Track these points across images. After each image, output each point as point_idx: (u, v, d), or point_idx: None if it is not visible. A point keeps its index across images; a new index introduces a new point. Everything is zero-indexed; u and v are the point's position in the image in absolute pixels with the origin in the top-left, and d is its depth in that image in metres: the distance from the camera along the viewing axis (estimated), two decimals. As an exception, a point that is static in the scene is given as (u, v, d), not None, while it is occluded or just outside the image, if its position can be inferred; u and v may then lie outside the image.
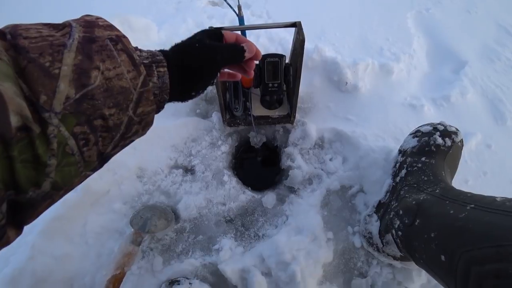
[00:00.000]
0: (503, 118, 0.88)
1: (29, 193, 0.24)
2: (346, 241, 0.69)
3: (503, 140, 0.84)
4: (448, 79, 0.96)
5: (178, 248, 0.70)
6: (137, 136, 0.33)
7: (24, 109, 0.22)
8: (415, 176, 0.61)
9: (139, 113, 0.31)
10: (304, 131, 0.78)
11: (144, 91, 0.31)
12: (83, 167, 0.28)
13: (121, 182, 0.75)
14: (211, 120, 0.83)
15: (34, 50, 0.24)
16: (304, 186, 0.75)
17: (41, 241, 0.65)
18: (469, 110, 0.88)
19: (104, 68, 0.27)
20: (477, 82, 0.95)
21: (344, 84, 0.86)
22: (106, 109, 0.27)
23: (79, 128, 0.25)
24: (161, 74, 0.34)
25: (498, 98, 0.92)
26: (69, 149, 0.25)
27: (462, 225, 0.43)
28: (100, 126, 0.27)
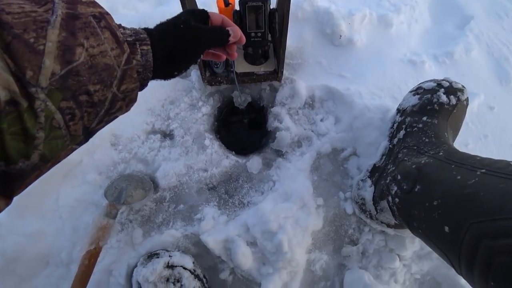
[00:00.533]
0: (508, 79, 0.83)
1: (19, 164, 0.25)
2: (337, 207, 0.65)
3: (507, 102, 0.80)
4: (452, 35, 0.89)
5: (158, 219, 0.66)
6: (121, 112, 0.34)
7: (11, 84, 0.23)
8: (415, 138, 0.55)
9: (123, 90, 0.31)
10: (292, 89, 0.71)
11: (128, 68, 0.31)
12: (69, 141, 0.28)
13: (94, 151, 0.69)
14: (190, 79, 0.75)
15: (18, 26, 0.24)
16: (293, 149, 0.70)
17: (9, 220, 0.62)
18: (472, 68, 0.82)
19: (88, 45, 0.27)
20: (483, 39, 0.88)
21: (338, 38, 0.77)
22: (91, 85, 0.28)
23: (65, 103, 0.26)
24: (145, 52, 0.34)
25: (504, 57, 0.86)
26: (56, 123, 0.26)
27: (471, 193, 0.37)
28: (86, 101, 0.28)
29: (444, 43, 0.86)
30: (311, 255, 0.62)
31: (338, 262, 0.63)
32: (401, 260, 0.61)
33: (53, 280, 0.61)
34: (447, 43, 0.86)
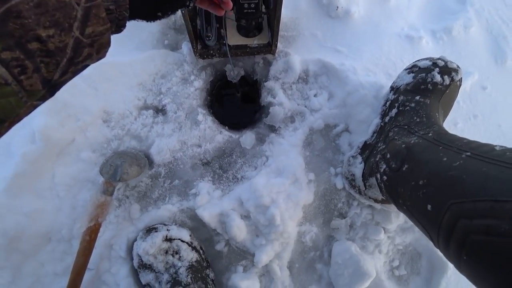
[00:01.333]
0: (504, 58, 0.83)
1: None
2: (328, 182, 0.67)
3: (500, 81, 0.80)
4: (453, 9, 0.86)
5: (154, 194, 0.68)
6: (91, 60, 0.29)
7: None
8: (407, 117, 0.56)
9: (88, 34, 0.27)
10: (286, 63, 0.70)
11: (92, 6, 0.26)
12: (26, 97, 0.24)
13: (86, 129, 0.68)
14: (181, 52, 0.72)
15: None
16: (286, 125, 0.70)
17: (6, 200, 0.62)
18: (470, 46, 0.82)
19: None
20: (483, 15, 0.86)
21: (335, 9, 0.75)
22: (41, 30, 0.23)
23: (8, 53, 0.22)
24: None
25: (503, 35, 0.85)
26: (1, 79, 0.22)
27: (455, 175, 0.39)
28: (38, 50, 0.23)
29: (444, 18, 0.84)
30: (302, 228, 0.65)
31: (327, 234, 0.67)
32: (385, 233, 0.65)
33: (57, 255, 0.63)
34: (447, 18, 0.84)
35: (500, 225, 0.30)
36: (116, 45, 0.74)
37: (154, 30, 0.75)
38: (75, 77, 0.70)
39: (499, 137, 0.76)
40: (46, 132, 0.63)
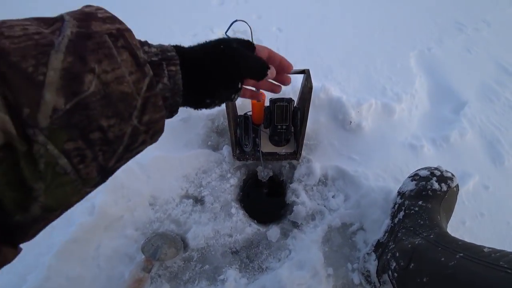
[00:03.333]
0: (501, 159, 0.89)
1: (16, 217, 0.21)
2: (346, 277, 0.71)
3: (501, 181, 0.86)
4: (448, 119, 0.99)
5: (185, 276, 0.73)
6: (145, 146, 0.30)
7: (7, 123, 0.19)
8: (412, 219, 0.64)
9: (145, 122, 0.27)
10: (309, 168, 0.83)
11: (151, 95, 0.27)
12: (81, 185, 0.24)
13: (134, 209, 0.79)
14: (221, 153, 0.88)
15: (16, 52, 0.20)
16: (307, 222, 0.79)
17: (57, 262, 0.69)
18: (467, 151, 0.91)
19: (100, 71, 0.23)
20: (476, 123, 0.98)
21: (349, 123, 0.91)
22: (104, 120, 0.24)
23: (71, 144, 0.22)
24: (173, 73, 0.30)
25: (497, 139, 0.94)
26: (61, 169, 0.22)
27: (450, 273, 0.46)
28: (99, 139, 0.24)
29: (441, 127, 0.96)
30: (322, 322, 0.68)
31: (346, 331, 0.69)
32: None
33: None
34: (444, 128, 0.96)
35: None
36: (169, 142, 0.92)
37: (200, 132, 0.92)
38: (134, 164, 0.84)
39: (510, 234, 0.77)
40: (103, 207, 0.74)
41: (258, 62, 0.40)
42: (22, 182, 0.21)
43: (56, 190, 0.23)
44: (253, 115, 0.82)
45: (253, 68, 0.38)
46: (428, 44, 1.27)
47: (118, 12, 0.29)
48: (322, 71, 1.10)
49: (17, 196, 0.21)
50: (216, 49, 0.35)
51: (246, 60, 0.37)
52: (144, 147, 0.30)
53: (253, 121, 0.84)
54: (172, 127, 0.94)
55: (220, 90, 0.36)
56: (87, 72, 0.22)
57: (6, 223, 0.21)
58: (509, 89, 1.10)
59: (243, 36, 0.83)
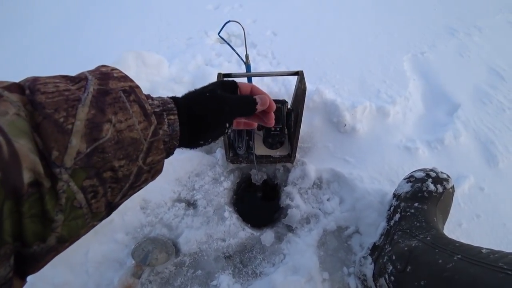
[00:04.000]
0: (495, 161, 0.89)
1: (33, 247, 0.24)
2: (341, 282, 0.70)
3: (496, 182, 0.85)
4: (442, 122, 0.99)
5: (176, 282, 0.71)
6: (146, 183, 0.33)
7: (37, 165, 0.22)
8: (408, 222, 0.63)
9: (148, 162, 0.31)
10: (303, 170, 0.82)
11: (154, 140, 0.31)
12: (90, 218, 0.28)
13: (125, 213, 0.77)
14: (214, 156, 0.87)
15: (50, 105, 0.24)
16: (302, 225, 0.78)
17: (43, 268, 0.67)
18: (462, 153, 0.91)
19: (116, 121, 0.27)
20: (470, 125, 0.98)
21: (343, 126, 0.90)
22: (116, 161, 0.27)
23: (88, 181, 0.26)
24: (172, 122, 0.34)
25: (490, 141, 0.94)
26: (77, 203, 0.25)
27: (449, 276, 0.45)
28: (110, 178, 0.27)
29: (436, 130, 0.96)
30: (317, 328, 0.66)
31: (342, 337, 0.67)
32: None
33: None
34: (438, 130, 0.96)
35: None
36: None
37: (197, 148, 0.91)
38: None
39: (507, 236, 0.76)
40: None
41: (243, 101, 0.43)
42: (45, 215, 0.24)
43: (71, 223, 0.26)
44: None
45: (238, 108, 0.42)
46: (422, 48, 1.29)
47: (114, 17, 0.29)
48: (317, 74, 1.10)
49: (38, 228, 0.23)
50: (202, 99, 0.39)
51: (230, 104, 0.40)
52: (145, 185, 0.34)
53: (247, 124, 0.83)
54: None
55: (211, 132, 0.40)
56: (105, 122, 0.26)
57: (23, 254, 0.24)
58: (501, 92, 1.11)
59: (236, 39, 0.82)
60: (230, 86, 0.45)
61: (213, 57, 1.23)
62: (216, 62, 1.18)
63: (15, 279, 0.24)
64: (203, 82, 1.07)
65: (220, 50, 1.27)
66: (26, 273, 0.26)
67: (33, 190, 0.22)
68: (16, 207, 0.22)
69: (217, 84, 0.43)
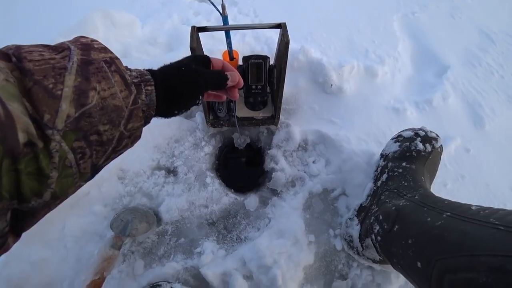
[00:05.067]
0: (482, 123, 0.90)
1: (32, 202, 0.27)
2: (327, 244, 0.69)
3: (481, 144, 0.86)
4: (431, 83, 0.97)
5: (159, 251, 0.70)
6: (126, 148, 0.36)
7: (30, 126, 0.24)
8: (396, 181, 0.61)
9: (129, 128, 0.33)
10: (288, 133, 0.78)
11: (134, 108, 0.33)
12: (78, 178, 0.30)
13: (102, 184, 0.74)
14: (194, 120, 0.82)
15: (39, 72, 0.26)
16: (287, 189, 0.75)
17: (17, 246, 0.62)
18: (449, 114, 0.90)
19: (100, 89, 0.29)
20: (458, 87, 0.96)
21: (329, 86, 0.86)
22: (101, 126, 0.30)
23: (77, 143, 0.28)
24: (149, 92, 0.37)
25: (478, 103, 0.93)
26: (68, 162, 0.28)
27: (438, 233, 0.43)
28: (95, 141, 0.30)
29: (424, 91, 0.94)
30: (303, 289, 0.66)
31: (328, 296, 0.67)
32: (387, 295, 0.65)
33: (55, 307, 0.62)
34: (427, 91, 0.94)
35: (478, 277, 0.34)
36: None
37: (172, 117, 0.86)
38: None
39: (488, 195, 0.78)
40: None
41: (216, 76, 0.46)
42: (40, 171, 0.26)
43: (62, 181, 0.28)
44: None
45: (211, 83, 0.45)
46: (412, 8, 1.23)
47: None
48: (302, 32, 1.03)
49: (35, 184, 0.26)
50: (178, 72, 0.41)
51: (204, 78, 0.43)
52: (125, 150, 0.36)
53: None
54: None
55: (184, 103, 0.43)
56: (91, 89, 0.29)
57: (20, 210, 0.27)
58: (491, 55, 1.08)
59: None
60: (203, 60, 0.47)
61: (190, 16, 1.13)
62: (193, 21, 1.09)
63: (10, 235, 0.27)
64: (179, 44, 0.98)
65: (198, 8, 1.17)
66: (22, 230, 0.29)
67: (28, 149, 0.24)
68: (14, 165, 0.24)
69: (191, 58, 0.45)
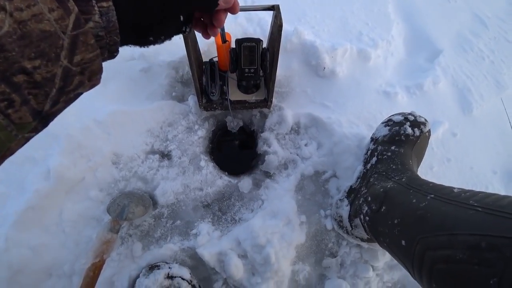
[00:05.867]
0: (470, 108, 0.92)
1: None
2: (318, 224, 0.72)
3: (468, 129, 0.89)
4: (423, 67, 0.98)
5: (156, 234, 0.71)
6: (83, 88, 0.28)
7: None
8: (384, 164, 0.64)
9: (77, 62, 0.26)
10: (280, 116, 0.79)
11: (79, 33, 0.25)
12: (16, 130, 0.24)
13: (96, 169, 0.74)
14: (187, 103, 0.81)
15: None
16: (280, 171, 0.77)
17: (15, 233, 0.65)
18: (439, 99, 0.91)
19: (12, 8, 0.21)
20: (449, 72, 0.97)
21: (322, 69, 0.86)
22: (26, 62, 0.22)
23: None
24: (105, 10, 0.27)
25: (467, 88, 0.95)
26: None
27: (421, 214, 0.46)
28: (24, 82, 0.23)
29: (416, 75, 0.95)
30: (295, 267, 0.69)
31: (319, 273, 0.71)
32: (374, 270, 0.69)
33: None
34: (418, 75, 0.95)
35: (455, 254, 0.37)
36: (129, 94, 0.84)
37: (164, 82, 0.84)
38: (91, 122, 0.77)
39: (472, 178, 0.82)
40: (60, 170, 0.68)
41: None
42: None
43: None
44: (219, 60, 0.75)
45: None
46: (408, -11, 1.21)
47: None
48: (295, 14, 1.01)
49: None
50: None
51: None
52: (83, 90, 0.29)
53: (220, 67, 0.77)
54: (132, 78, 0.85)
55: (162, 26, 0.33)
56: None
57: None
58: (483, 40, 1.09)
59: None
60: None
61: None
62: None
63: None
64: None
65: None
66: None
67: None
68: None
69: None
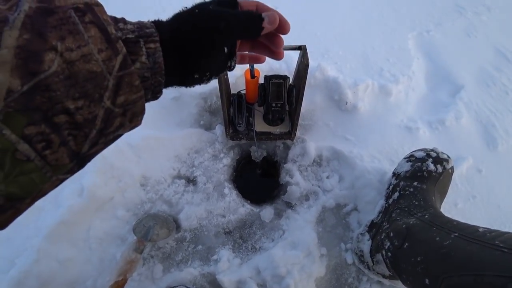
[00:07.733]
0: (495, 143, 0.90)
1: None
2: (339, 257, 0.72)
3: (493, 165, 0.87)
4: (444, 102, 0.98)
5: (178, 257, 0.73)
6: (124, 129, 0.28)
7: None
8: (407, 200, 0.64)
9: (120, 103, 0.25)
10: (303, 148, 0.81)
11: (125, 74, 0.25)
12: (51, 172, 0.23)
13: (125, 190, 0.77)
14: (214, 132, 0.86)
15: None
16: (301, 202, 0.78)
17: (46, 245, 0.68)
18: (462, 134, 0.91)
19: (63, 49, 0.21)
20: (472, 107, 0.97)
21: (344, 104, 0.89)
22: (70, 102, 0.22)
23: (32, 128, 0.20)
24: (152, 51, 0.27)
25: (491, 123, 0.94)
26: (22, 155, 0.21)
27: (446, 252, 0.46)
28: (65, 122, 0.22)
29: (437, 110, 0.96)
30: (315, 300, 0.68)
31: (338, 309, 0.70)
32: (395, 309, 0.67)
33: (78, 306, 0.66)
34: (440, 111, 0.95)
35: None
36: (160, 121, 0.89)
37: (193, 111, 0.90)
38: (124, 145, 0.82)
39: (500, 217, 0.79)
40: (93, 189, 0.72)
41: (244, 16, 0.33)
42: None
43: (19, 178, 0.21)
44: (247, 93, 0.80)
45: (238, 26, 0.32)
46: (427, 26, 1.25)
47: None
48: (319, 50, 1.07)
49: None
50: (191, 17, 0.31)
51: (227, 19, 0.31)
52: (123, 131, 0.28)
53: (247, 99, 0.81)
54: (163, 106, 0.91)
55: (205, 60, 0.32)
56: (47, 50, 0.20)
57: None
58: (506, 75, 1.09)
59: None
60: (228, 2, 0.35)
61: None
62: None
63: None
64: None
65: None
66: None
67: None
68: None
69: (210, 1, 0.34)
